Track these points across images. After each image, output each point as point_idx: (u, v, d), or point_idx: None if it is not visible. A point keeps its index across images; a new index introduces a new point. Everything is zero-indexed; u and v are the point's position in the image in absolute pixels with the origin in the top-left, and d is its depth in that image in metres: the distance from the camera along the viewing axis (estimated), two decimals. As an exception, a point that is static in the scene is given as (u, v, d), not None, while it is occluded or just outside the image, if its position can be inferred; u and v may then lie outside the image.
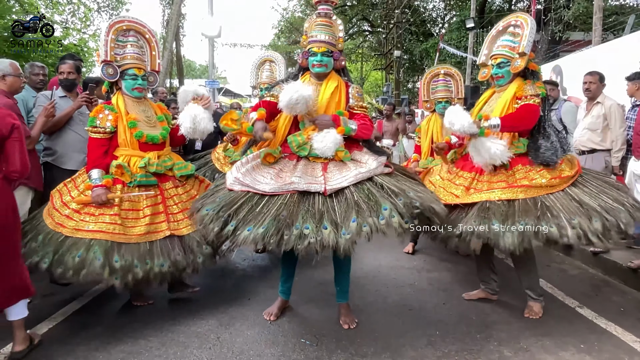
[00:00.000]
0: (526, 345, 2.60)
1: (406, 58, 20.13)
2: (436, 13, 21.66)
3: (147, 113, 3.04)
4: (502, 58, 2.99)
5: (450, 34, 16.71)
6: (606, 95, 4.21)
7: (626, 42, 5.33)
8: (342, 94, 2.81)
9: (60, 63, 3.57)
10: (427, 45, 17.56)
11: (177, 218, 2.90)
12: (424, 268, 4.07)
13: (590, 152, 4.17)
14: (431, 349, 2.57)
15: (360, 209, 2.37)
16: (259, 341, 2.65)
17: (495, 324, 2.88)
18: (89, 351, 2.51)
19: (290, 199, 2.42)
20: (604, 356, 2.50)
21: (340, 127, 2.64)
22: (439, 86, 4.29)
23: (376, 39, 24.47)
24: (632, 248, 4.21)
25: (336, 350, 2.54)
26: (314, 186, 2.45)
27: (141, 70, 2.98)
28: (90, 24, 17.32)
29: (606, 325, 2.90)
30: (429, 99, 4.40)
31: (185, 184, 3.10)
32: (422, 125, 4.41)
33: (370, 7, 22.52)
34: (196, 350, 2.53)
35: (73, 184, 2.91)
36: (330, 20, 2.89)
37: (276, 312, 2.95)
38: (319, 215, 2.36)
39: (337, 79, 2.86)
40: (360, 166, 2.60)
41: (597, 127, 4.14)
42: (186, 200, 2.99)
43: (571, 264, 4.26)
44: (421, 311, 3.10)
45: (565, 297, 3.39)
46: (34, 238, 2.71)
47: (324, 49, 2.76)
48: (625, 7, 13.10)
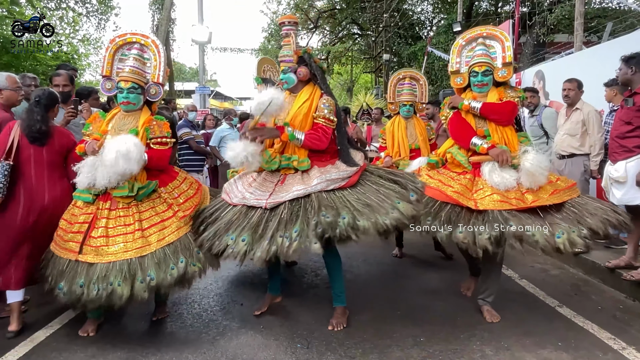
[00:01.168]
0: (507, 344, 2.72)
1: (395, 61, 20.30)
2: (424, 16, 21.88)
3: (124, 127, 2.87)
4: (487, 66, 3.12)
5: (437, 37, 16.89)
6: (584, 102, 4.36)
7: (605, 48, 5.51)
8: (313, 104, 2.92)
9: (54, 75, 3.62)
10: (416, 48, 17.75)
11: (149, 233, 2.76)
12: (411, 271, 4.18)
13: (570, 156, 4.32)
14: (417, 349, 2.67)
15: (280, 225, 2.57)
16: (252, 345, 2.74)
17: (479, 324, 3.00)
18: (86, 358, 2.58)
19: (240, 210, 2.74)
20: (580, 353, 2.62)
21: (284, 134, 2.81)
22: (404, 89, 4.40)
23: (365, 42, 24.61)
24: (610, 248, 4.36)
25: (326, 352, 2.64)
26: (259, 202, 2.70)
27: (128, 82, 2.84)
28: (79, 29, 17.27)
29: (583, 323, 3.03)
30: (394, 101, 4.53)
31: (130, 207, 2.78)
32: (387, 127, 4.53)
33: (359, 11, 22.65)
34: (191, 355, 2.61)
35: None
36: (288, 38, 2.99)
37: (263, 308, 3.16)
38: (257, 227, 2.62)
39: (311, 90, 2.97)
40: (302, 183, 2.75)
41: (576, 132, 4.29)
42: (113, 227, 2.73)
43: (553, 264, 4.40)
44: (408, 313, 3.20)
45: (546, 297, 3.52)
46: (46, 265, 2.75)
47: (283, 67, 2.96)
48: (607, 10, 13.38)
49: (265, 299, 3.23)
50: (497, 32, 3.23)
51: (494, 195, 2.91)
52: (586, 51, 5.86)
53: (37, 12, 12.63)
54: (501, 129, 3.10)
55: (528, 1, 14.17)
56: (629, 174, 3.43)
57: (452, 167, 3.23)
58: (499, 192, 2.92)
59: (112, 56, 3.00)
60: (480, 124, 3.16)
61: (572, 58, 6.05)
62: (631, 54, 3.52)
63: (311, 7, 24.19)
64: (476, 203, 2.90)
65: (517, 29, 9.93)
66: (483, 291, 3.19)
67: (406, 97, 4.37)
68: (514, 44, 9.76)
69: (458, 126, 3.19)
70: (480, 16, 16.86)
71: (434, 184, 3.14)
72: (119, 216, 2.74)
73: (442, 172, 3.26)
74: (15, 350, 2.65)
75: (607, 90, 4.36)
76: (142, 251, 2.63)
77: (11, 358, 2.57)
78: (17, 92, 3.30)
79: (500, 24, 10.67)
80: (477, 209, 2.87)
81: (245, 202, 2.74)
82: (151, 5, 13.96)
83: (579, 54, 6.05)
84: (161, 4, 13.08)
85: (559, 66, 6.08)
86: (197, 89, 12.63)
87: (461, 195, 2.97)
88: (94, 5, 17.37)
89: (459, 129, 3.18)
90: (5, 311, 3.12)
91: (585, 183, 4.33)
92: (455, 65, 3.33)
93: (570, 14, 11.47)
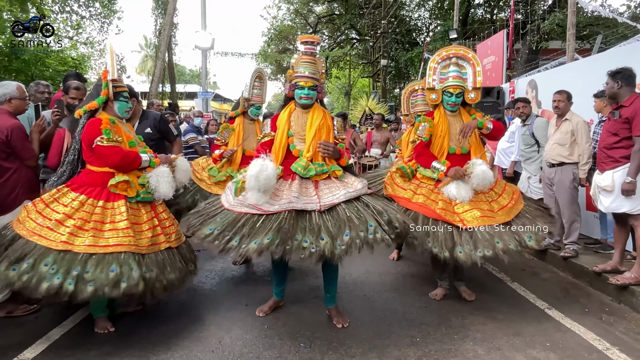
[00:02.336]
0: (498, 344, 2.85)
1: (392, 66, 20.47)
2: (421, 22, 22.07)
3: (131, 133, 3.12)
4: (460, 89, 3.43)
5: (434, 43, 17.08)
6: (574, 113, 4.50)
7: (595, 60, 5.66)
8: (329, 122, 3.14)
9: (68, 85, 3.70)
10: (412, 54, 17.93)
11: (169, 231, 3.04)
12: (408, 273, 4.31)
13: (559, 164, 4.45)
14: (413, 348, 2.80)
15: (352, 224, 2.69)
16: (257, 344, 2.85)
17: (472, 326, 3.12)
18: (100, 356, 2.69)
19: (289, 215, 2.71)
20: (567, 353, 2.75)
21: (343, 159, 3.08)
22: (418, 100, 4.51)
23: (363, 47, 24.78)
24: (598, 253, 4.50)
25: (328, 351, 2.75)
26: (310, 205, 2.77)
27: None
28: (83, 32, 17.35)
29: (571, 325, 3.16)
30: (409, 113, 4.66)
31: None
32: (403, 137, 4.66)
33: (357, 17, 22.84)
34: (200, 354, 2.72)
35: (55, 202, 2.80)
36: (314, 58, 3.17)
37: (266, 309, 3.27)
38: (317, 228, 2.66)
39: (322, 109, 3.18)
40: (347, 186, 2.92)
41: (565, 142, 4.42)
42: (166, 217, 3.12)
43: (544, 268, 4.53)
44: (405, 314, 3.33)
45: (536, 300, 3.65)
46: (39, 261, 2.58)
47: (310, 84, 3.06)
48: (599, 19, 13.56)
49: (271, 303, 3.33)
50: (470, 55, 3.54)
51: (474, 212, 3.21)
52: (577, 63, 6.01)
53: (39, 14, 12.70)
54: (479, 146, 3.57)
55: (522, 9, 14.37)
56: (616, 183, 3.56)
57: (424, 180, 3.51)
58: (476, 207, 3.24)
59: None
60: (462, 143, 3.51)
61: (563, 69, 6.20)
62: (617, 68, 3.66)
63: (310, 12, 24.37)
64: (463, 221, 3.17)
65: (512, 37, 10.08)
66: (456, 274, 3.67)
67: (421, 107, 4.43)
68: (508, 51, 9.95)
69: (422, 154, 3.53)
70: (476, 23, 17.03)
71: (421, 199, 3.39)
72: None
73: (421, 185, 3.50)
74: (32, 348, 2.75)
75: (597, 101, 4.50)
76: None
77: (29, 355, 2.67)
78: (25, 102, 3.40)
79: (495, 34, 10.83)
80: (465, 226, 3.15)
81: (293, 206, 2.74)
82: (154, 10, 14.07)
83: (570, 65, 6.20)
84: (164, 9, 13.18)
85: (551, 76, 6.22)
86: (199, 94, 12.78)
87: (447, 212, 3.25)
88: (97, 9, 17.48)
89: (422, 157, 3.53)
90: (19, 310, 3.23)
91: (574, 190, 4.46)
92: (431, 83, 3.54)
93: (563, 22, 11.66)
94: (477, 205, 3.25)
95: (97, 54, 17.27)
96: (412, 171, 3.61)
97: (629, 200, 3.50)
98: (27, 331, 2.98)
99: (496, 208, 3.31)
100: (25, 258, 2.56)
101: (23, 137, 3.18)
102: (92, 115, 2.98)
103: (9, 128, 3.09)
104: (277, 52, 23.62)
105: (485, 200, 3.34)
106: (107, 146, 2.85)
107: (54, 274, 2.52)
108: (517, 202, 3.42)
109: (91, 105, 2.98)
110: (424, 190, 3.43)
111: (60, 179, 2.96)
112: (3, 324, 3.09)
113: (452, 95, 3.45)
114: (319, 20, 24.12)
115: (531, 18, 13.01)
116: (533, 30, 12.84)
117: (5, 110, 3.23)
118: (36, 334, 2.92)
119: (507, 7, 16.01)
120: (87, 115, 2.98)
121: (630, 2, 14.72)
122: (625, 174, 3.48)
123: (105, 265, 2.57)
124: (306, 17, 24.31)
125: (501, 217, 3.23)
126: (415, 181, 3.57)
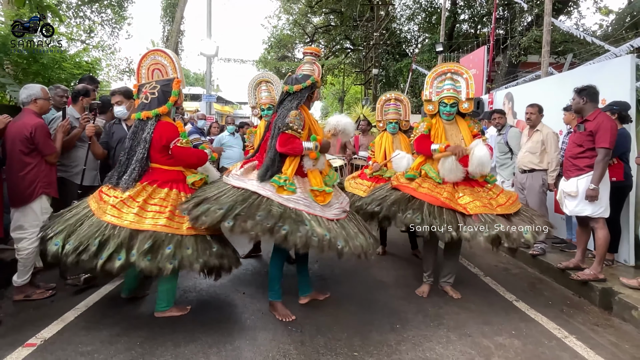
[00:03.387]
0: (469, 332, 2.97)
1: (383, 75, 20.59)
2: (410, 34, 22.21)
3: None
4: (454, 100, 3.51)
5: (422, 55, 17.19)
6: (544, 124, 4.63)
7: (565, 77, 5.81)
8: None
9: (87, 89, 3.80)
10: (402, 64, 18.04)
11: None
12: (392, 267, 4.42)
13: (530, 171, 4.59)
14: (393, 334, 2.90)
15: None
16: (253, 327, 2.94)
17: (446, 315, 3.24)
18: (112, 336, 2.76)
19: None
20: (530, 340, 2.88)
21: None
22: (390, 109, 4.72)
23: (357, 56, 24.89)
24: (564, 251, 4.64)
25: (316, 335, 2.86)
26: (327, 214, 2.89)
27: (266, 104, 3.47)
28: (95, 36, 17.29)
29: (535, 315, 3.29)
30: (382, 119, 4.85)
31: None
32: (376, 140, 4.83)
33: (352, 28, 22.92)
34: (202, 335, 2.80)
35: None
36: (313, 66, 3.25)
37: (287, 312, 3.12)
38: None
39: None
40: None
41: (536, 150, 4.56)
42: None
43: (514, 264, 4.67)
44: (387, 304, 3.43)
45: (505, 292, 3.78)
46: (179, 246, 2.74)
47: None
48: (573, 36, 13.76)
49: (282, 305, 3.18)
50: (463, 70, 3.67)
51: (476, 202, 3.27)
52: (550, 78, 6.15)
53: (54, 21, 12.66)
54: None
55: (504, 25, 14.56)
56: (580, 189, 3.69)
57: (429, 177, 3.52)
58: (477, 198, 3.30)
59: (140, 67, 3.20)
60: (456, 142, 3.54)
61: (537, 84, 6.35)
62: (583, 86, 3.78)
63: (308, 22, 24.43)
64: (466, 209, 3.22)
65: (492, 52, 10.24)
66: (445, 275, 3.68)
67: (392, 115, 4.67)
68: (488, 65, 10.10)
69: (421, 142, 3.60)
70: (461, 37, 17.19)
71: (425, 190, 3.42)
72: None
73: (426, 180, 3.54)
74: (49, 328, 2.83)
75: (566, 114, 4.63)
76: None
77: (46, 335, 2.75)
78: (49, 102, 3.47)
79: (478, 48, 10.98)
80: (469, 213, 3.18)
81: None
82: (162, 18, 14.07)
83: (543, 80, 6.34)
84: (171, 17, 13.20)
85: (526, 90, 6.36)
86: (203, 97, 12.81)
87: (452, 202, 3.29)
88: (108, 15, 17.44)
89: (421, 144, 3.59)
90: (36, 294, 3.30)
91: (543, 194, 4.60)
92: (428, 95, 3.64)
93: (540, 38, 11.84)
94: (477, 198, 3.32)
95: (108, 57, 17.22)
96: (418, 173, 3.64)
97: (591, 205, 3.62)
98: (43, 313, 3.06)
99: (494, 205, 3.33)
100: (163, 245, 2.70)
101: (46, 134, 3.24)
102: (159, 119, 3.05)
103: (34, 126, 3.16)
104: (277, 59, 23.64)
105: (485, 196, 3.39)
106: (185, 147, 3.01)
107: (191, 254, 2.72)
108: (515, 203, 3.44)
109: (163, 110, 3.04)
110: (428, 184, 3.47)
111: (131, 177, 2.96)
112: (21, 307, 3.17)
113: (447, 105, 3.55)
114: (316, 31, 24.19)
115: (511, 34, 13.19)
116: (513, 45, 13.02)
117: (31, 110, 3.30)
118: (52, 316, 3.00)
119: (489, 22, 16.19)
120: (156, 118, 3.05)
121: (602, 22, 14.99)
122: (589, 182, 3.59)
123: (197, 244, 2.79)
124: (304, 27, 24.37)
125: (500, 211, 3.27)
126: (420, 179, 3.59)
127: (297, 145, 2.88)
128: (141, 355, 2.55)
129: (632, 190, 4.13)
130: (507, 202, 3.38)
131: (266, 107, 4.22)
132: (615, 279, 3.68)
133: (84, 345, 2.63)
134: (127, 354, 2.55)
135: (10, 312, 3.08)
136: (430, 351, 2.68)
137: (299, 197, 2.80)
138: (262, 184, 2.84)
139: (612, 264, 4.19)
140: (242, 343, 2.72)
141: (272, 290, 3.17)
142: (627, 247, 4.20)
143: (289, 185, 2.82)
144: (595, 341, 2.89)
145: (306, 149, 2.91)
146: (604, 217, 3.66)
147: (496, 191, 3.50)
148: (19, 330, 2.79)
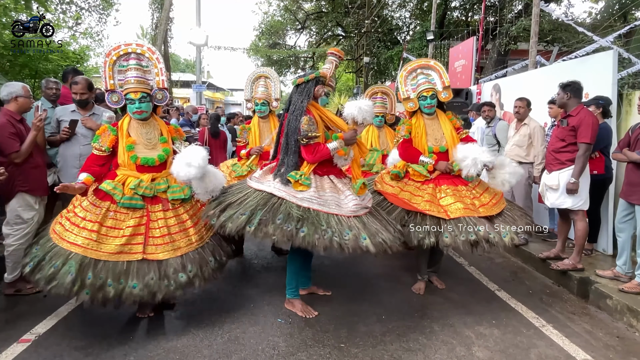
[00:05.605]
0: (451, 322, 3.07)
1: (374, 62, 20.49)
2: (402, 21, 22.04)
3: (150, 135, 2.93)
4: (432, 91, 3.52)
5: (412, 42, 17.12)
6: (532, 118, 4.70)
7: (553, 69, 5.86)
8: None
9: (73, 83, 3.71)
10: (392, 52, 17.96)
11: (156, 242, 2.70)
12: (379, 260, 4.47)
13: (517, 164, 4.66)
14: (379, 325, 3.00)
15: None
16: (244, 321, 3.01)
17: (430, 305, 3.34)
18: (105, 330, 2.82)
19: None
20: (509, 329, 2.99)
21: None
22: (377, 102, 4.68)
23: (348, 43, 24.68)
24: (546, 241, 4.77)
25: (305, 327, 2.94)
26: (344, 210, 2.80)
27: (138, 93, 2.82)
28: (82, 22, 16.90)
29: (515, 305, 3.40)
30: None
31: (179, 208, 2.89)
32: (362, 134, 4.77)
33: (343, 15, 22.67)
34: (194, 330, 2.87)
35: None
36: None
37: (308, 308, 3.15)
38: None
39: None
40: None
41: (523, 144, 4.64)
42: (173, 225, 2.81)
43: (497, 254, 4.77)
44: (373, 295, 3.52)
45: (488, 282, 3.90)
46: (36, 242, 2.73)
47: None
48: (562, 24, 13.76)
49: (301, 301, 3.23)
50: (432, 63, 3.67)
51: (457, 204, 3.26)
52: (536, 71, 6.20)
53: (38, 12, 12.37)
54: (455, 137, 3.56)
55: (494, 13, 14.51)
56: (561, 183, 3.78)
57: (414, 177, 3.54)
58: (460, 200, 3.29)
59: (112, 69, 2.90)
60: (437, 137, 3.57)
61: (524, 76, 6.39)
62: (567, 81, 3.83)
63: (299, 9, 24.09)
64: (447, 213, 3.22)
65: (481, 42, 10.25)
66: (432, 266, 3.76)
67: (378, 109, 4.64)
68: (477, 55, 10.12)
69: (406, 150, 3.59)
70: (452, 25, 17.12)
71: (407, 196, 3.44)
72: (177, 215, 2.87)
73: (408, 183, 3.56)
74: (43, 324, 2.88)
75: (552, 107, 4.69)
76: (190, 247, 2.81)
77: (40, 330, 2.80)
78: (30, 100, 3.37)
79: (469, 37, 10.98)
80: (449, 218, 3.18)
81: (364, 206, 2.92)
82: (151, 5, 13.80)
83: (529, 73, 6.39)
84: (160, 4, 12.95)
85: (513, 82, 6.42)
86: (194, 87, 12.68)
87: (433, 204, 3.29)
88: (95, 1, 17.01)
89: (407, 152, 3.59)
90: (27, 288, 3.33)
91: (529, 187, 4.70)
92: (405, 93, 3.65)
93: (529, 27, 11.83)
94: (460, 199, 3.31)
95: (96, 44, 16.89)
96: (403, 172, 3.65)
97: (571, 197, 3.72)
98: (36, 308, 3.10)
99: (477, 205, 3.32)
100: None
101: (8, 135, 3.10)
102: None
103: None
104: (268, 47, 23.37)
105: (468, 196, 3.38)
106: (92, 153, 2.92)
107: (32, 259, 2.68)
108: (499, 202, 3.42)
109: None
110: (411, 188, 3.49)
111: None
112: (13, 302, 3.20)
113: (426, 98, 3.52)
114: (307, 17, 23.88)
115: (500, 23, 13.18)
116: (502, 33, 13.01)
117: (7, 110, 3.21)
118: (45, 311, 3.04)
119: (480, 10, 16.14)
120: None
121: (592, 9, 15.01)
122: (570, 175, 3.68)
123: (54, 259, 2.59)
124: (295, 13, 24.03)
125: (482, 212, 3.25)
126: (404, 179, 3.61)
127: (323, 151, 2.86)
128: (134, 349, 2.61)
129: (612, 183, 4.24)
130: (491, 202, 3.35)
131: (260, 102, 4.21)
132: (593, 269, 3.81)
133: (78, 340, 2.69)
134: (121, 348, 2.61)
135: (3, 307, 3.12)
136: (413, 342, 2.78)
137: (312, 196, 2.75)
138: (278, 183, 2.83)
139: (591, 254, 4.32)
140: (232, 336, 2.80)
141: (290, 288, 3.20)
142: (606, 237, 4.33)
143: (304, 180, 2.78)
144: (571, 329, 3.02)
145: (332, 150, 2.88)
146: (584, 210, 3.76)
147: (480, 189, 3.44)
148: (12, 326, 2.83)
